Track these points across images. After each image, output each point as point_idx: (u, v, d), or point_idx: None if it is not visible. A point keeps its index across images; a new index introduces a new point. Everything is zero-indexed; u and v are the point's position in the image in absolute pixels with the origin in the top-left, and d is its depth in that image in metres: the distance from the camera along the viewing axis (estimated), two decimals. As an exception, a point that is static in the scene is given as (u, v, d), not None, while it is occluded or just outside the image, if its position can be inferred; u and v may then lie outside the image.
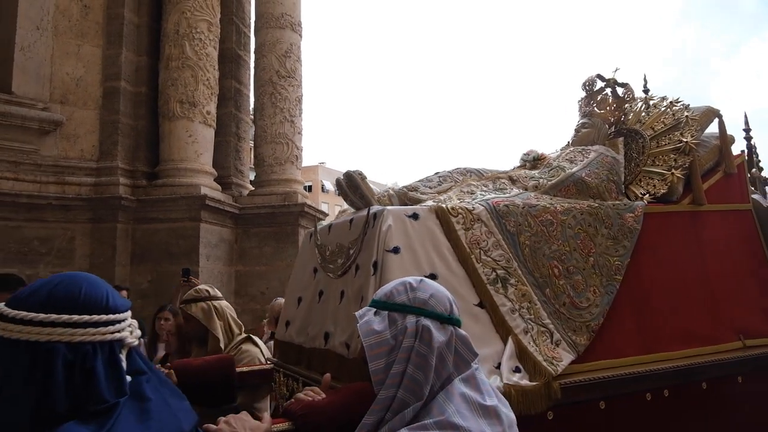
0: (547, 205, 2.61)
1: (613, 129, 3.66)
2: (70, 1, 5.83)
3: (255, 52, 7.32)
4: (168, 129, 6.04)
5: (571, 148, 3.36)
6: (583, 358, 2.24)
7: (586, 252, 2.57)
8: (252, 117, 7.55)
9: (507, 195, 2.69)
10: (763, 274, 3.17)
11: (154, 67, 6.27)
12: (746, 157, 3.70)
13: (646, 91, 3.79)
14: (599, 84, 3.78)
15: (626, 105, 3.74)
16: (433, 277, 2.04)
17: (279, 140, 7.00)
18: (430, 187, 2.76)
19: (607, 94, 3.78)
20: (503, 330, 2.13)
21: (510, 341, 2.09)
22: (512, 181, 2.94)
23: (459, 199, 2.57)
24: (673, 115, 3.35)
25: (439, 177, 2.90)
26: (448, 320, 1.25)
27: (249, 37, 7.59)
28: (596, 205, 2.75)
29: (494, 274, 2.24)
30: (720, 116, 3.46)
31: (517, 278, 2.29)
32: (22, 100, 5.37)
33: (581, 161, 3.10)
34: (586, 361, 2.25)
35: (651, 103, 3.63)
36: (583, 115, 3.77)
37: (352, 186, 2.48)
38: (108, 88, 5.97)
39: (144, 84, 6.24)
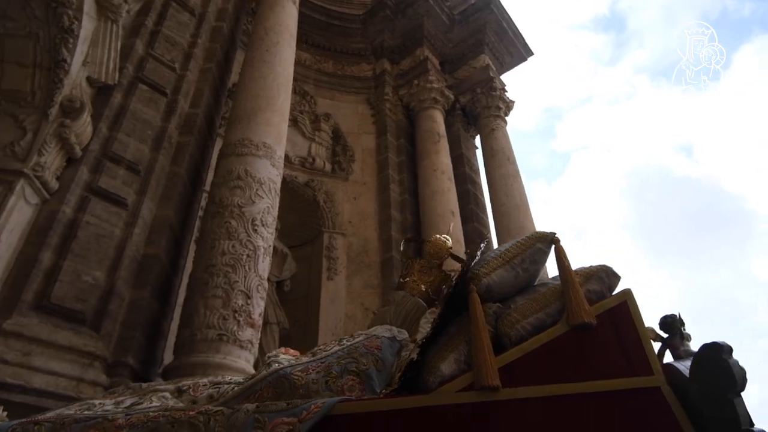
0: (113, 416, 1.72)
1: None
2: (356, 307, 7.00)
3: None
4: None
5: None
6: None
7: None
8: None
9: (111, 409, 1.92)
10: None
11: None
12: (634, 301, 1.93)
13: None
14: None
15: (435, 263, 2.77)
16: None
17: None
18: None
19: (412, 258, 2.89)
20: None
21: None
22: (179, 392, 2.09)
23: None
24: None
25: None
26: None
27: None
28: (216, 409, 1.66)
29: None
30: (554, 241, 2.11)
31: None
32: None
33: (321, 352, 2.11)
34: None
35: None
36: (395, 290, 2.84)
37: None
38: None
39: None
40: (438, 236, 2.90)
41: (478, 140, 9.58)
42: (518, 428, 1.63)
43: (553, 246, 2.10)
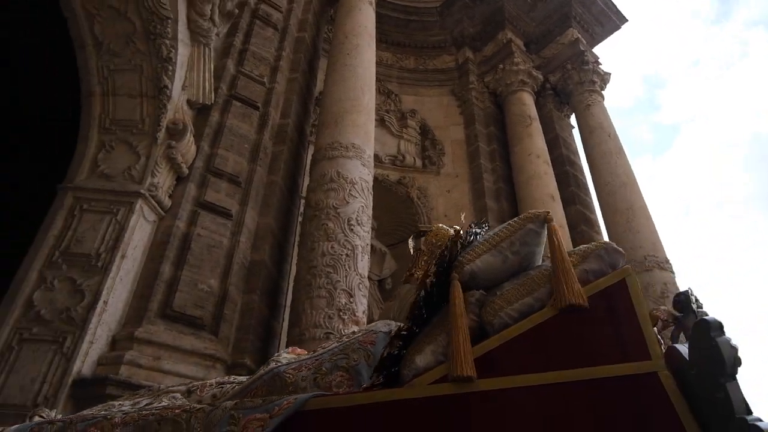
0: (112, 415, 1.77)
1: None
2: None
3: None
4: None
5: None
6: None
7: None
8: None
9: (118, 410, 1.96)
10: None
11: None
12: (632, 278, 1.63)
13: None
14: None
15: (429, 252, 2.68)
16: None
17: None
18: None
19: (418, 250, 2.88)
20: None
21: None
22: (189, 392, 2.16)
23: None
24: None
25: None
26: None
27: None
28: (199, 407, 1.67)
29: None
30: (547, 220, 1.87)
31: None
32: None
33: (320, 350, 2.03)
34: None
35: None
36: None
37: None
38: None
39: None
40: (440, 225, 2.80)
41: (573, 120, 9.07)
42: (499, 421, 1.47)
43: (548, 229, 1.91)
